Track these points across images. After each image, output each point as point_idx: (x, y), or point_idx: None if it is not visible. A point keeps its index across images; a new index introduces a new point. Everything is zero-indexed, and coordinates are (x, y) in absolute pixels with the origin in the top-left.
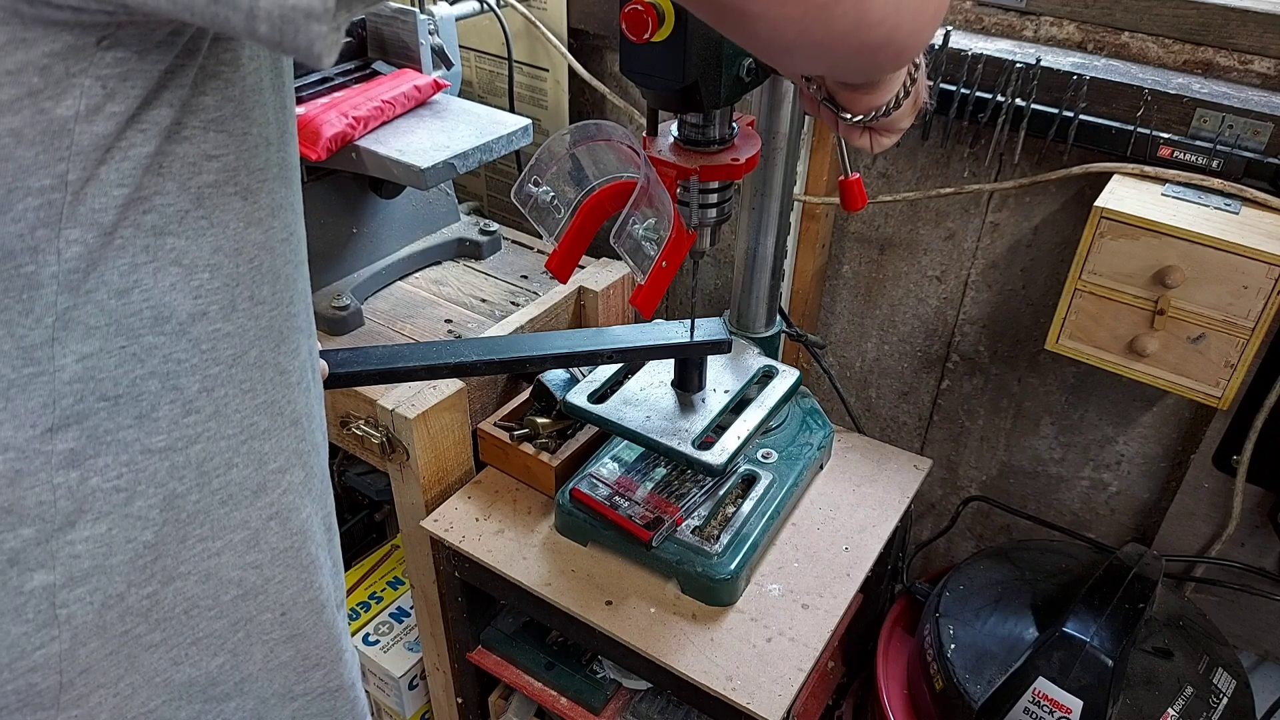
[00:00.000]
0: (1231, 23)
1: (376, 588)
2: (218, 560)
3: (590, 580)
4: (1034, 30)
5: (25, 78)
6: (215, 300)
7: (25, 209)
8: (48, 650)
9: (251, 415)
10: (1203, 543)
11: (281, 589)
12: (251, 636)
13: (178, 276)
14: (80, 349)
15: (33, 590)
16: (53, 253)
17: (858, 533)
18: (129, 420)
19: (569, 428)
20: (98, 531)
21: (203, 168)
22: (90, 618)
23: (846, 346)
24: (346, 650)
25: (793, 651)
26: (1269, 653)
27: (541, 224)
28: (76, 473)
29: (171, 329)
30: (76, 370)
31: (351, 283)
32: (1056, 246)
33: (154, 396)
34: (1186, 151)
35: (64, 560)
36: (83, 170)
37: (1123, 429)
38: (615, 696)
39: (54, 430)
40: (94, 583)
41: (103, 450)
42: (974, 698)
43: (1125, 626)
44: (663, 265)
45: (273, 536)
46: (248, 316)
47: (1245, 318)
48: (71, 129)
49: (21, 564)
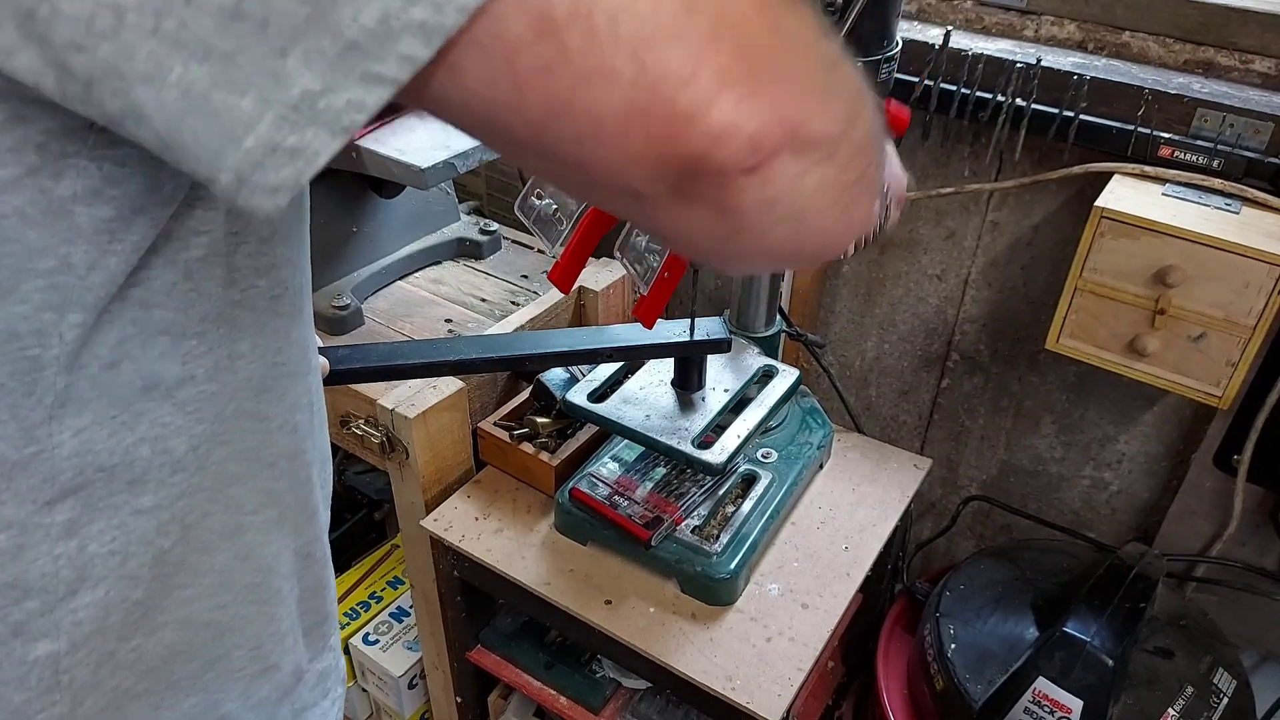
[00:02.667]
0: (1232, 22)
1: (376, 587)
2: (193, 606)
3: (590, 580)
4: (1034, 30)
5: (25, 155)
6: (201, 364)
7: (31, 291)
8: (49, 714)
9: (225, 463)
10: (1204, 542)
11: (247, 625)
12: (224, 675)
13: (166, 346)
14: (75, 424)
15: (36, 659)
16: (55, 335)
17: (857, 532)
18: (121, 486)
19: (569, 427)
20: (97, 596)
21: (191, 244)
22: (87, 678)
23: (846, 346)
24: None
25: (792, 651)
26: (1270, 652)
27: (544, 236)
28: (75, 541)
29: (159, 395)
30: (73, 445)
31: (351, 282)
32: (1057, 245)
33: (145, 462)
34: (1187, 151)
35: (67, 628)
36: (86, 254)
37: (1123, 428)
38: (615, 696)
39: (52, 503)
40: (92, 644)
41: (97, 517)
42: (974, 698)
43: (1126, 626)
44: (665, 275)
45: (242, 575)
46: (228, 373)
47: (1246, 317)
48: (71, 209)
49: (26, 635)
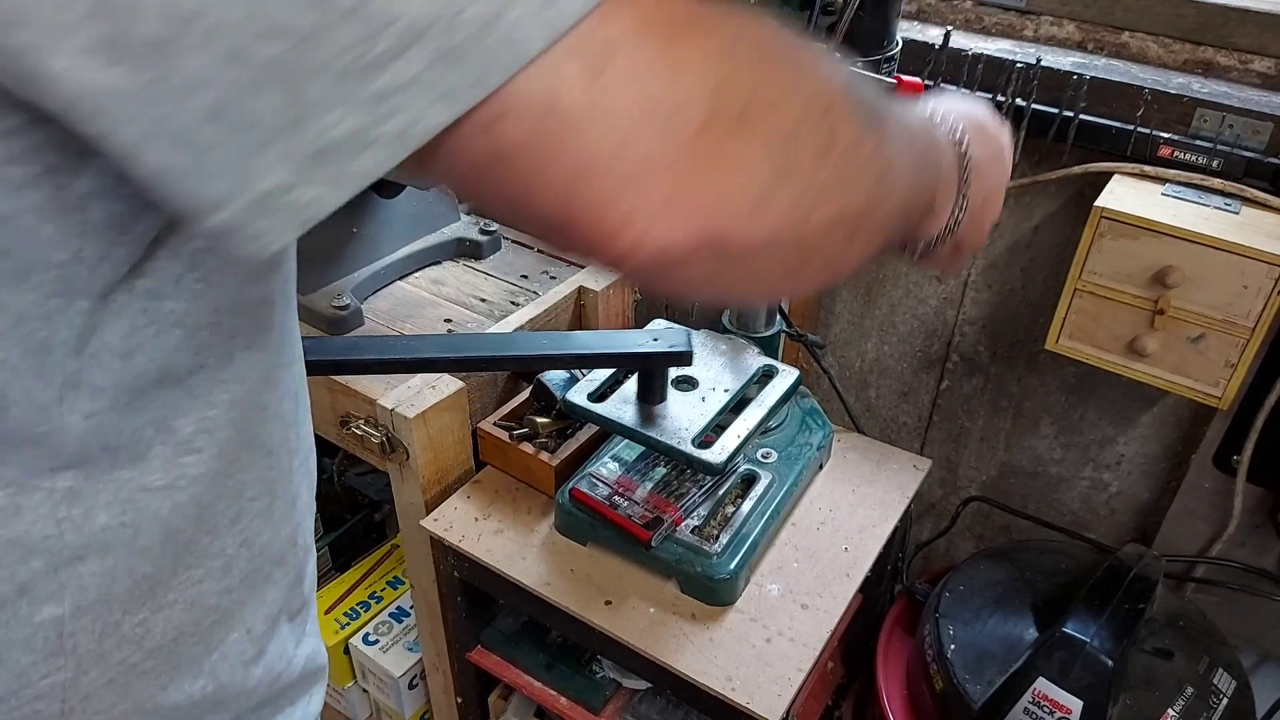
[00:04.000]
0: (1231, 22)
1: (376, 588)
2: (200, 588)
3: (590, 580)
4: (1034, 30)
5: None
6: (213, 354)
7: (43, 280)
8: (53, 679)
9: (232, 449)
10: (1203, 543)
11: (244, 609)
12: (228, 658)
13: (180, 338)
14: (87, 407)
15: (41, 622)
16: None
17: (857, 533)
18: (124, 462)
19: (569, 427)
20: (105, 565)
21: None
22: (92, 646)
23: (846, 346)
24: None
25: (792, 652)
26: (1269, 653)
27: None
28: (79, 509)
29: (171, 383)
30: (83, 427)
31: (351, 282)
32: (1056, 246)
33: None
34: (1186, 151)
35: (72, 591)
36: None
37: (1123, 429)
38: (615, 696)
39: (55, 470)
40: (96, 612)
41: (101, 489)
42: (974, 698)
43: (1125, 627)
44: None
45: (242, 561)
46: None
47: (1245, 318)
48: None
49: (31, 595)
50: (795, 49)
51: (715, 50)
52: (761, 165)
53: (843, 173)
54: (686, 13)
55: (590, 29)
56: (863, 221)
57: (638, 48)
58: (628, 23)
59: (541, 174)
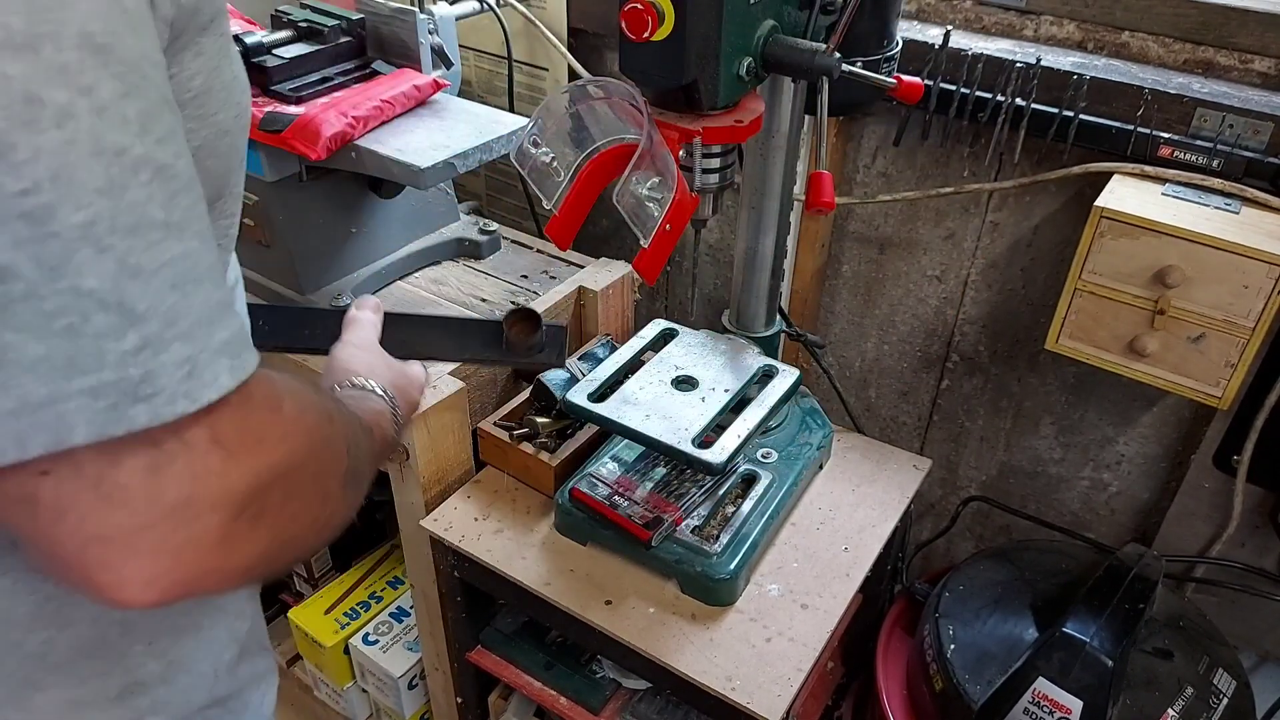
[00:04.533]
0: (1231, 22)
1: (376, 587)
2: None
3: (590, 580)
4: (1034, 30)
5: None
6: None
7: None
8: None
9: None
10: (1203, 543)
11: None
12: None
13: None
14: None
15: None
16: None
17: (857, 533)
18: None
19: (569, 427)
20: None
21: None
22: None
23: (846, 346)
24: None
25: (792, 652)
26: (1269, 653)
27: (540, 188)
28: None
29: None
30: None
31: (351, 282)
32: (1056, 246)
33: None
34: (1187, 151)
35: None
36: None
37: (1123, 429)
38: (614, 696)
39: None
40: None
41: None
42: (974, 698)
43: (1125, 627)
44: (666, 228)
45: None
46: None
47: (1245, 317)
48: None
49: None
50: (332, 439)
51: (264, 467)
52: (262, 550)
53: (324, 527)
54: (259, 430)
55: (163, 432)
56: (333, 521)
57: (200, 459)
58: (201, 435)
59: (54, 534)
